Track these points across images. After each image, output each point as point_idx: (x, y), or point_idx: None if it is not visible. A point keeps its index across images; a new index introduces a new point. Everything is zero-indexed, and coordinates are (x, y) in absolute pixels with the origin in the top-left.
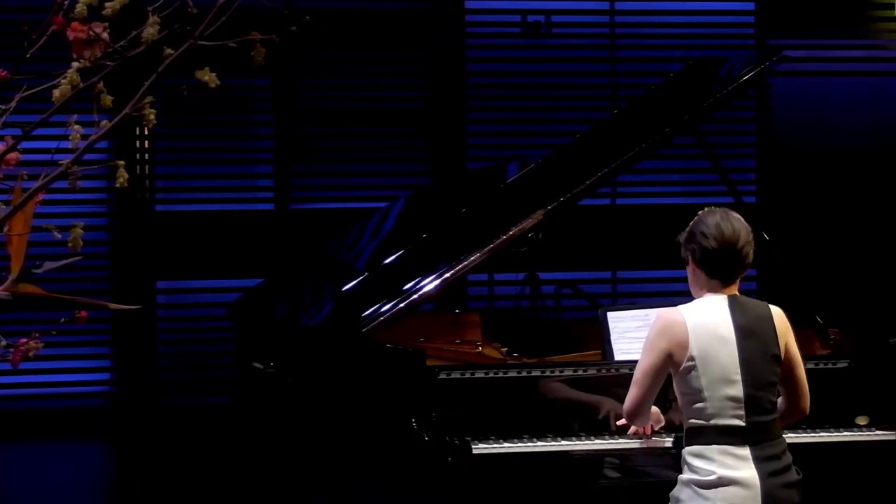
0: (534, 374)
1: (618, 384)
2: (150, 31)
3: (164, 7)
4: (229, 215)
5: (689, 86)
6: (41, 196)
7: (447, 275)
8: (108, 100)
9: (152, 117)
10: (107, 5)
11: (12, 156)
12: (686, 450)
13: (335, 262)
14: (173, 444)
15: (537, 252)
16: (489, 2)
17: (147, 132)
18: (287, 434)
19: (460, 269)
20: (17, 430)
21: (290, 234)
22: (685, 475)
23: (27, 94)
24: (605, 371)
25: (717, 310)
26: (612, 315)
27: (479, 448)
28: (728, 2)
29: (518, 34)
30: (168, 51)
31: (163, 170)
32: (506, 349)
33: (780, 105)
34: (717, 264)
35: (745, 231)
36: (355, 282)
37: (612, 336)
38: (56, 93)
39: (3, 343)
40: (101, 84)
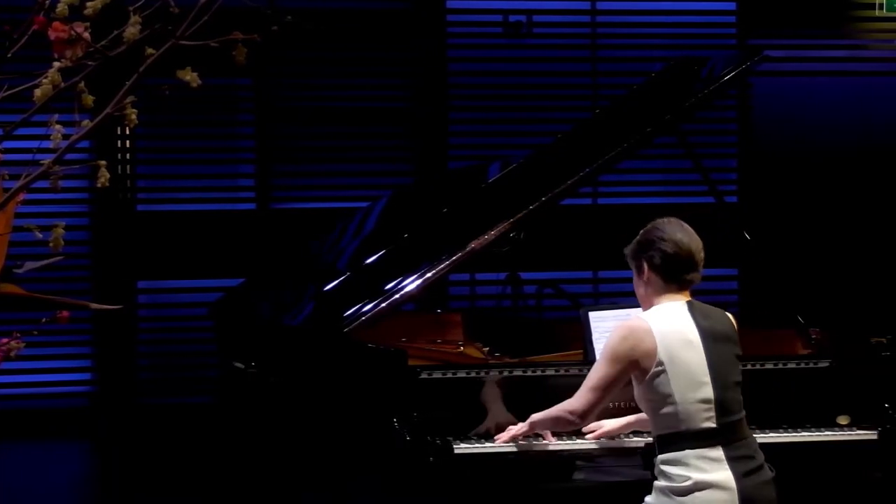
0: (515, 373)
1: None
2: (131, 30)
3: (146, 6)
4: (211, 215)
5: (670, 86)
6: (22, 196)
7: (429, 274)
8: (89, 99)
9: (134, 117)
10: (88, 5)
11: None
12: (659, 458)
13: (317, 262)
14: (154, 444)
15: (519, 252)
16: (471, 1)
17: (128, 132)
18: (269, 434)
19: (442, 268)
20: None
21: (272, 233)
22: (660, 483)
23: (8, 93)
24: (586, 371)
25: (678, 314)
26: (593, 315)
27: (461, 448)
28: (709, 2)
29: (499, 34)
30: (150, 50)
31: (144, 169)
32: (487, 349)
33: (762, 105)
34: (675, 269)
35: (698, 241)
36: (337, 281)
37: (594, 336)
38: (37, 92)
39: None
40: (82, 84)
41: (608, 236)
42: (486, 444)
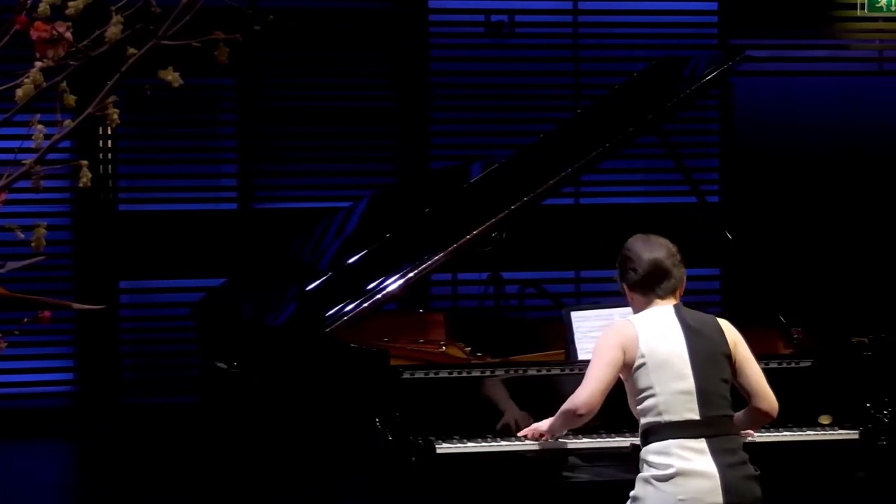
0: (497, 373)
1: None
2: (113, 30)
3: (128, 6)
4: (193, 215)
5: (652, 86)
6: (4, 196)
7: (411, 274)
8: (71, 99)
9: (116, 117)
10: (70, 5)
11: None
12: (644, 450)
13: (299, 262)
14: (137, 444)
15: (501, 252)
16: (453, 1)
17: (110, 132)
18: (251, 434)
19: (424, 268)
20: None
21: (254, 233)
22: (643, 473)
23: None
24: (569, 370)
25: (662, 315)
26: (575, 315)
27: (443, 448)
28: (691, 2)
29: (481, 34)
30: (131, 50)
31: (126, 169)
32: (469, 349)
33: (743, 105)
34: (648, 284)
35: (666, 249)
36: (319, 281)
37: (576, 336)
38: (19, 92)
39: None
40: (64, 83)
41: (590, 236)
42: (469, 444)
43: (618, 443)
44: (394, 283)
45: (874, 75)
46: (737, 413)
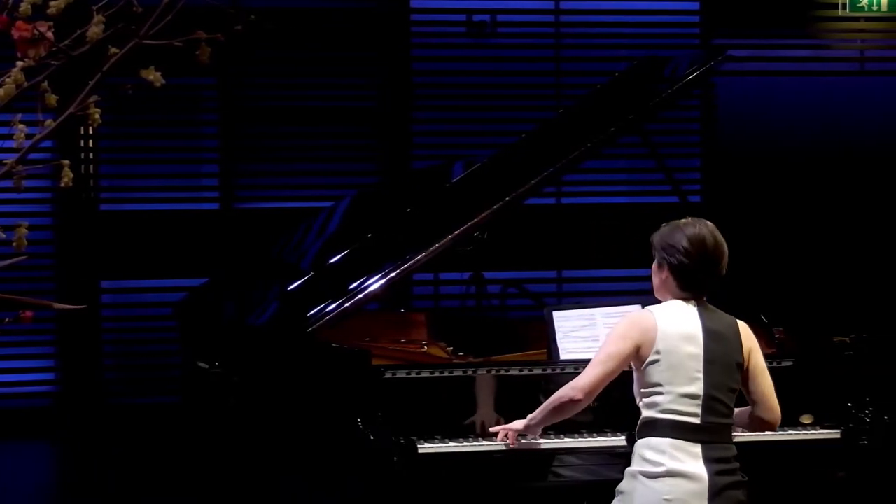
0: (479, 373)
1: (564, 383)
2: (94, 30)
3: (109, 6)
4: (174, 215)
5: (634, 85)
6: None
7: (392, 274)
8: (52, 99)
9: (97, 116)
10: (51, 4)
11: None
12: (639, 442)
13: (281, 262)
14: (118, 444)
15: (483, 251)
16: (434, 1)
17: (92, 131)
18: (233, 434)
19: (406, 268)
20: None
21: (236, 233)
22: (633, 467)
23: None
24: (550, 370)
25: (686, 312)
26: (557, 314)
27: (425, 448)
28: (673, 1)
29: (463, 34)
30: (113, 50)
31: (107, 169)
32: (451, 349)
33: (725, 104)
34: (691, 278)
35: (722, 247)
36: (301, 281)
37: (558, 335)
38: (0, 92)
39: None
40: (45, 83)
41: (572, 236)
42: (451, 444)
43: (600, 442)
44: (376, 283)
45: (856, 75)
46: (736, 410)
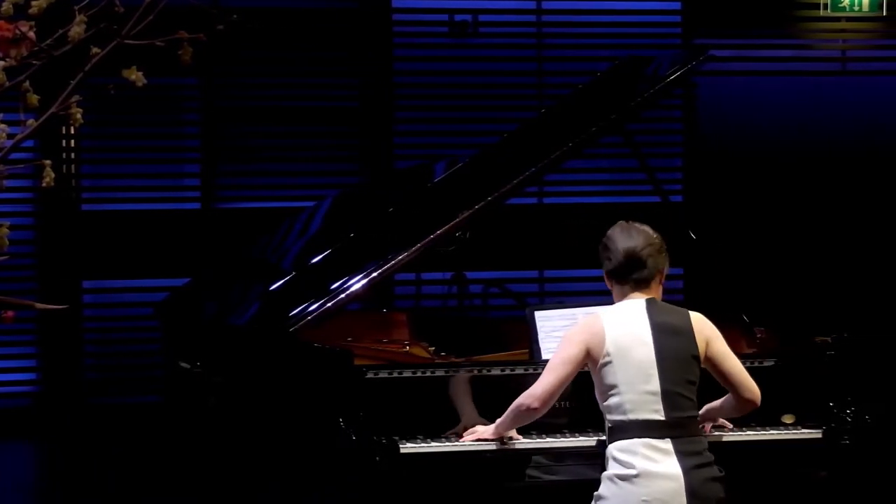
0: (461, 373)
1: None
2: (76, 29)
3: (91, 6)
4: (156, 215)
5: (616, 85)
6: None
7: (374, 274)
8: (34, 99)
9: (79, 116)
10: (33, 4)
11: None
12: (610, 447)
13: (262, 262)
14: (100, 443)
15: (464, 251)
16: (416, 1)
17: (74, 131)
18: (215, 434)
19: (388, 268)
20: None
21: (217, 233)
22: (609, 471)
23: None
24: (532, 370)
25: (633, 310)
26: (539, 314)
27: (407, 447)
28: (655, 1)
29: (445, 33)
30: (95, 50)
31: (89, 169)
32: (433, 348)
33: (707, 104)
34: (622, 273)
35: (644, 238)
36: (282, 281)
37: (540, 335)
38: None
39: None
40: (27, 83)
41: (554, 236)
42: (433, 444)
43: (582, 442)
44: (357, 283)
45: (837, 75)
46: (717, 402)
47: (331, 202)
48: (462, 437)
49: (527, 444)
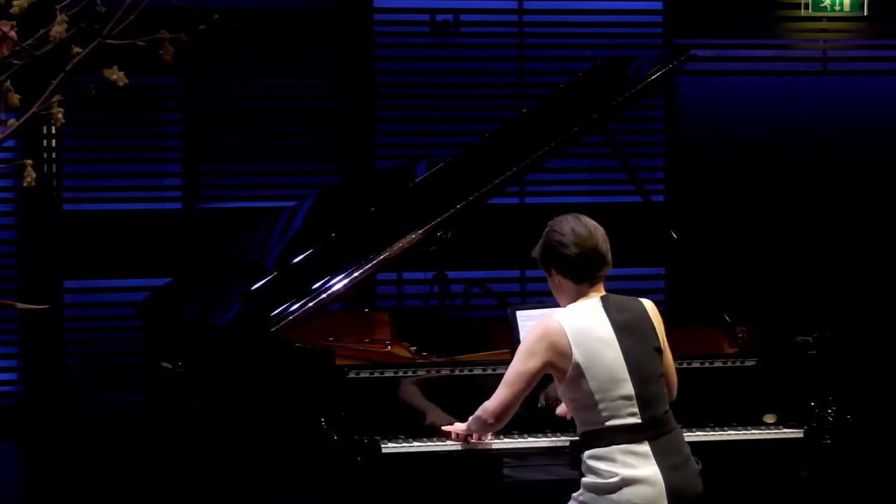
0: (443, 373)
1: None
2: (58, 29)
3: (72, 5)
4: (137, 214)
5: (597, 85)
6: None
7: (356, 274)
8: (15, 98)
9: (60, 116)
10: (14, 3)
11: None
12: (586, 454)
13: (244, 261)
14: (82, 443)
15: (446, 251)
16: (398, 1)
17: (55, 131)
18: (197, 434)
19: (369, 268)
20: None
21: (199, 233)
22: (587, 479)
23: None
24: None
25: (592, 312)
26: (520, 314)
27: (389, 447)
28: (636, 1)
29: (427, 33)
30: (76, 49)
31: (70, 169)
32: (415, 348)
33: (688, 104)
34: (581, 269)
35: (600, 232)
36: (264, 281)
37: (521, 335)
38: None
39: None
40: (8, 82)
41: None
42: (414, 444)
43: (565, 442)
44: (339, 283)
45: (818, 75)
46: None
47: (312, 202)
48: (441, 431)
49: (510, 443)
